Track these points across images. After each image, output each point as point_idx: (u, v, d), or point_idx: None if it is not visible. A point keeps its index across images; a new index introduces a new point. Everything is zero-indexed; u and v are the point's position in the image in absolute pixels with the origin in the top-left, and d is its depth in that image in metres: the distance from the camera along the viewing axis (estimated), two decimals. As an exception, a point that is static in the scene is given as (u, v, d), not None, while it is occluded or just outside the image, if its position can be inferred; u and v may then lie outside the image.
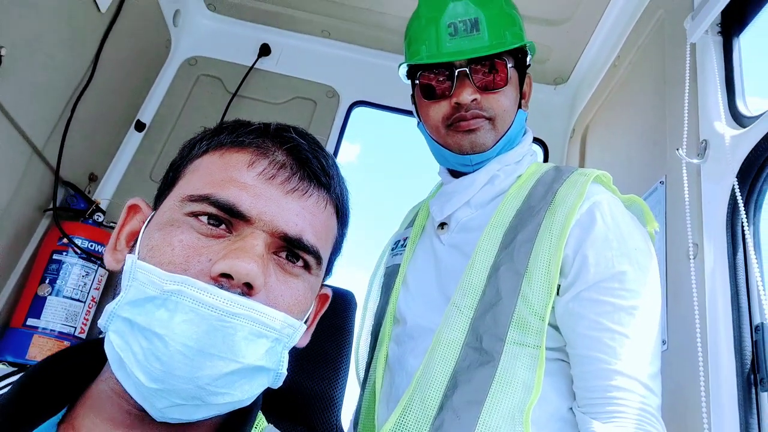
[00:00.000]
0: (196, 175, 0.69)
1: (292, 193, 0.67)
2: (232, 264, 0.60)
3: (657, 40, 1.59)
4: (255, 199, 0.65)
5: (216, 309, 0.58)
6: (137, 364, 0.59)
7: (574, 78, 2.27)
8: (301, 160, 0.70)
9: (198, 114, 2.22)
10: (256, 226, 0.64)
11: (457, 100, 1.13)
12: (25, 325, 1.61)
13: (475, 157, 1.17)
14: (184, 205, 0.66)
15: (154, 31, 2.10)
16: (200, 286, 0.59)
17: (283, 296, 0.65)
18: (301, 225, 0.67)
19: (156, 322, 0.58)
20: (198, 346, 0.57)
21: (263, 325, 0.61)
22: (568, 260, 1.02)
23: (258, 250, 0.62)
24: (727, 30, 1.28)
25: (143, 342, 0.59)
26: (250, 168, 0.67)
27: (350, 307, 1.08)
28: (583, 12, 1.99)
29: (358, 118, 2.37)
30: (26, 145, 1.58)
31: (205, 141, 0.73)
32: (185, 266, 0.61)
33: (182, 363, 0.57)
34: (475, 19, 1.15)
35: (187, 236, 0.63)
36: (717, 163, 1.15)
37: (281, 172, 0.68)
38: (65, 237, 1.68)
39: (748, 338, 0.96)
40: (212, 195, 0.65)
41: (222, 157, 0.70)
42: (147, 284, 0.60)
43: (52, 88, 1.63)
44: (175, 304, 0.58)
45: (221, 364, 0.59)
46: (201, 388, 0.59)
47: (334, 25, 2.30)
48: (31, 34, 1.48)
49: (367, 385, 1.19)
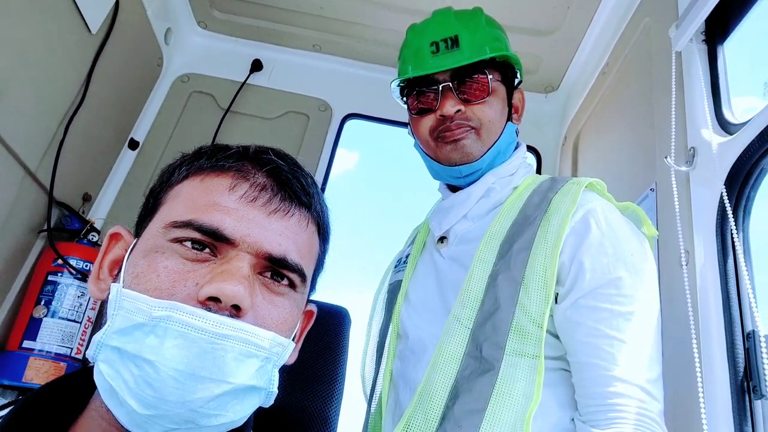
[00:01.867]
0: (177, 201, 0.70)
1: (274, 214, 0.68)
2: (219, 287, 0.61)
3: (644, 48, 1.60)
4: (238, 222, 0.66)
5: (205, 332, 0.59)
6: (129, 391, 0.59)
7: (564, 86, 2.28)
8: (281, 182, 0.71)
9: (191, 131, 2.22)
10: (240, 248, 0.65)
11: (442, 112, 1.18)
12: (21, 347, 1.61)
13: (464, 168, 1.19)
14: (168, 231, 0.66)
15: (145, 49, 2.11)
16: (188, 310, 0.60)
17: (271, 316, 0.66)
18: (284, 245, 0.68)
19: (146, 348, 0.59)
20: (189, 369, 0.58)
21: (253, 345, 0.62)
22: (565, 268, 1.02)
23: (244, 272, 0.63)
24: (711, 38, 1.30)
25: (134, 369, 0.59)
26: (231, 192, 0.68)
27: (344, 324, 1.08)
28: (571, 21, 2.01)
29: (359, 129, 2.39)
30: (19, 167, 1.58)
31: (185, 167, 0.73)
32: (172, 291, 0.62)
33: (174, 388, 0.58)
34: (456, 36, 1.21)
35: (172, 262, 0.64)
36: (705, 170, 1.16)
37: (262, 194, 0.69)
38: (60, 258, 1.68)
39: (740, 345, 0.97)
40: (195, 220, 0.65)
41: (203, 181, 0.70)
42: (134, 312, 0.61)
43: (44, 110, 1.63)
44: (164, 329, 0.59)
45: (213, 386, 0.59)
46: (194, 411, 0.59)
47: (325, 39, 2.32)
48: (22, 57, 1.48)
49: (374, 402, 1.20)
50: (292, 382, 0.79)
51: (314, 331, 0.81)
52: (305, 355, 0.77)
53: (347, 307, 1.22)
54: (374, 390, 1.23)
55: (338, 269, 0.84)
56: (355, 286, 1.15)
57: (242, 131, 2.24)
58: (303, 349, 0.78)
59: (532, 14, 2.01)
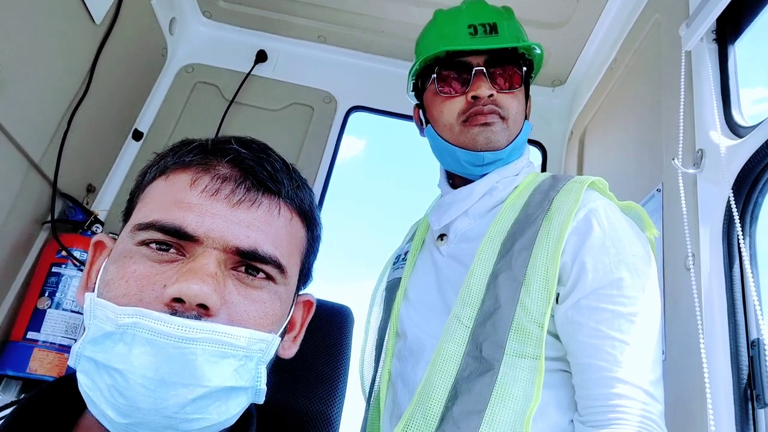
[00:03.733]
0: (145, 203, 0.69)
1: (238, 205, 0.66)
2: (182, 287, 0.59)
3: (653, 45, 1.58)
4: (201, 217, 0.64)
5: (172, 337, 0.58)
6: (105, 401, 0.59)
7: (572, 80, 2.26)
8: (245, 170, 0.68)
9: (195, 122, 2.21)
10: (206, 245, 0.63)
11: (475, 93, 1.17)
12: (25, 338, 1.62)
13: (488, 155, 1.17)
14: (135, 234, 0.65)
15: (150, 39, 2.10)
16: (154, 316, 0.58)
17: (248, 312, 0.64)
18: (253, 237, 0.65)
19: (114, 357, 0.58)
20: (158, 376, 0.57)
21: (226, 345, 0.60)
22: (566, 268, 1.02)
23: (209, 269, 0.61)
24: (722, 37, 1.27)
25: (107, 379, 0.58)
26: (192, 187, 0.66)
27: (347, 323, 1.08)
28: (580, 15, 1.98)
29: (365, 121, 2.37)
30: (23, 158, 1.58)
31: (154, 167, 0.72)
32: (140, 296, 0.61)
33: (144, 396, 0.57)
34: (494, 23, 1.22)
35: (140, 266, 0.63)
36: (713, 173, 1.14)
37: (224, 185, 0.66)
38: (63, 249, 1.68)
39: (744, 353, 0.96)
40: (157, 221, 0.64)
41: (167, 180, 0.69)
42: (104, 320, 0.60)
43: (47, 101, 1.63)
44: (131, 337, 0.58)
45: (185, 392, 0.58)
46: (169, 417, 0.58)
47: (330, 30, 2.29)
48: (25, 48, 1.47)
49: (372, 402, 1.20)
50: (293, 382, 0.79)
51: (316, 330, 0.80)
52: (306, 354, 0.77)
53: (349, 305, 1.21)
54: (372, 389, 1.23)
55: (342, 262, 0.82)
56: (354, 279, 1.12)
57: (246, 122, 2.23)
58: (304, 348, 0.76)
59: (541, 7, 1.98)
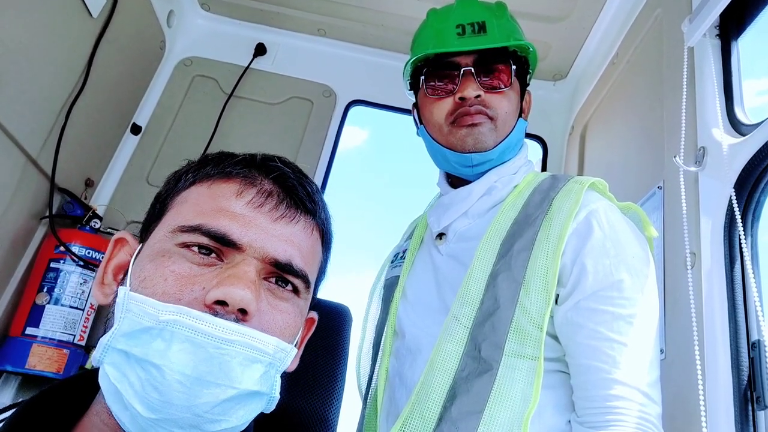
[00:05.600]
0: (185, 207, 0.71)
1: (280, 220, 0.69)
2: (227, 291, 0.61)
3: (655, 40, 1.56)
4: (245, 227, 0.67)
5: (212, 337, 0.59)
6: (135, 394, 0.59)
7: (573, 74, 2.24)
8: (287, 188, 0.72)
9: (194, 115, 2.21)
10: (247, 253, 0.66)
11: (462, 94, 1.16)
12: (24, 334, 1.62)
13: (476, 156, 1.16)
14: (176, 236, 0.67)
15: (147, 32, 2.08)
16: (196, 315, 0.60)
17: (275, 321, 0.67)
18: (290, 251, 0.68)
19: (153, 352, 0.59)
20: (196, 374, 0.59)
21: (257, 351, 0.62)
22: (566, 269, 1.01)
23: (251, 276, 0.64)
24: (725, 33, 1.26)
25: (141, 373, 0.59)
26: (238, 197, 0.69)
27: (345, 323, 1.07)
28: (582, 8, 1.97)
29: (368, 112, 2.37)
30: (20, 153, 1.57)
31: (191, 173, 0.74)
32: (179, 296, 0.62)
33: (180, 392, 0.58)
34: (483, 22, 1.20)
35: (179, 266, 0.64)
36: (715, 171, 1.13)
37: (269, 200, 0.70)
38: (62, 245, 1.67)
39: (745, 354, 0.95)
40: (204, 225, 0.66)
41: (210, 187, 0.71)
42: (141, 315, 0.61)
43: (45, 95, 1.62)
44: (171, 333, 0.59)
45: (218, 391, 0.60)
46: (198, 416, 0.60)
47: (330, 23, 2.28)
48: (22, 42, 1.46)
49: (369, 400, 1.20)
50: (291, 382, 0.79)
51: (314, 330, 0.81)
52: (305, 353, 0.77)
53: (348, 301, 1.21)
54: (369, 387, 1.23)
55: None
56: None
57: (245, 116, 2.22)
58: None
59: (542, 0, 1.96)
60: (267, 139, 2.18)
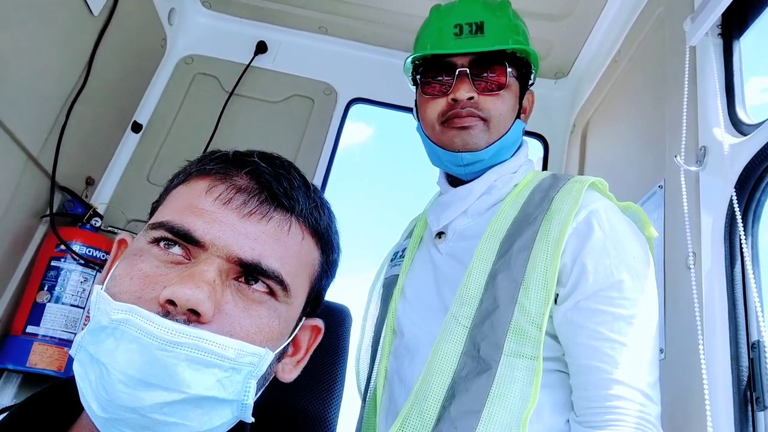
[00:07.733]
0: (165, 206, 0.70)
1: (249, 216, 0.65)
2: (175, 290, 0.58)
3: (657, 38, 1.56)
4: (210, 224, 0.64)
5: (157, 338, 0.57)
6: (91, 392, 0.59)
7: (575, 72, 2.24)
8: (261, 183, 0.68)
9: (195, 113, 2.20)
10: (210, 251, 0.63)
11: (454, 96, 1.15)
12: (24, 332, 1.62)
13: (466, 156, 1.17)
14: (147, 233, 0.66)
15: (148, 30, 2.08)
16: (144, 315, 0.58)
17: (242, 324, 0.63)
18: (259, 249, 0.64)
19: (103, 351, 0.58)
20: (139, 375, 0.57)
21: (212, 354, 0.59)
22: (566, 269, 1.01)
23: (208, 276, 0.61)
24: (727, 32, 1.26)
25: (96, 371, 0.59)
26: (207, 194, 0.67)
27: (345, 323, 1.07)
28: (584, 6, 1.96)
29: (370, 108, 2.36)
30: (20, 151, 1.58)
31: (182, 173, 0.73)
32: (140, 294, 0.60)
33: (123, 392, 0.57)
34: (481, 23, 1.19)
35: (147, 265, 0.63)
36: (716, 171, 1.13)
37: (238, 195, 0.66)
38: (62, 243, 1.68)
39: (745, 354, 0.95)
40: (169, 222, 0.64)
41: (187, 185, 0.70)
42: (102, 313, 0.60)
43: (45, 94, 1.62)
44: (122, 333, 0.58)
45: (164, 394, 0.58)
46: (146, 417, 0.58)
47: (331, 21, 2.27)
48: (22, 40, 1.46)
49: (368, 399, 1.19)
50: (293, 383, 0.79)
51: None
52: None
53: (348, 300, 1.21)
54: (368, 386, 1.23)
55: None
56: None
57: (246, 114, 2.21)
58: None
59: (545, -2, 1.96)
60: (268, 137, 2.18)
